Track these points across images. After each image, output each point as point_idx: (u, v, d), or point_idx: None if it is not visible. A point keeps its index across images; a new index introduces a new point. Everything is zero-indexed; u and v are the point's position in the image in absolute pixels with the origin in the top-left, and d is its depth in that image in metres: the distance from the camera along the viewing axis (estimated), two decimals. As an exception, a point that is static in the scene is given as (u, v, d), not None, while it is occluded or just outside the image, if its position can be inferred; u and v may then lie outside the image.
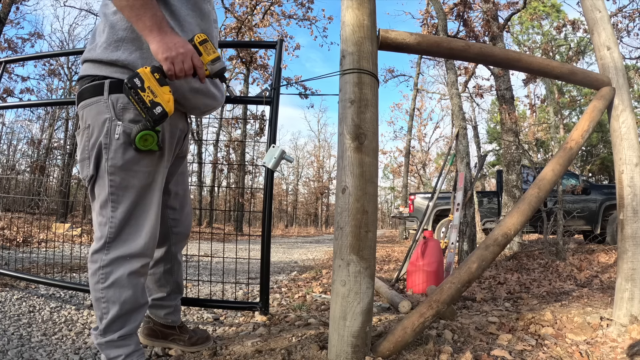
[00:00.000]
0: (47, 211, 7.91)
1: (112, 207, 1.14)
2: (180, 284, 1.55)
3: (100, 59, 1.13)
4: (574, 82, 1.77)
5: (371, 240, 1.25)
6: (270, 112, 1.92)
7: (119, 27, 1.13)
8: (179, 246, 1.51)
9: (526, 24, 13.79)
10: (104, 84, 1.12)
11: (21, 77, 11.37)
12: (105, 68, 1.14)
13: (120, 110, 1.11)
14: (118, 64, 1.12)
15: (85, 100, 1.15)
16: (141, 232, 1.18)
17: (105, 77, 1.13)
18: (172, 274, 1.50)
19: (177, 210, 1.46)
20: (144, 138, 1.08)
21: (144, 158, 1.14)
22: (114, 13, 1.14)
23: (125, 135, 1.11)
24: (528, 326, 1.72)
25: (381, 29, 1.39)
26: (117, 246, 1.15)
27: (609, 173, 16.02)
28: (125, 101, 1.11)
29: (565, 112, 16.97)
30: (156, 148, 1.12)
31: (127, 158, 1.12)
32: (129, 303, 1.17)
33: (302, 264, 5.10)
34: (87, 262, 1.20)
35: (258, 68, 13.08)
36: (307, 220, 35.46)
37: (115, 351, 1.17)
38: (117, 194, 1.14)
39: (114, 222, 1.14)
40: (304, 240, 13.37)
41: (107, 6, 1.17)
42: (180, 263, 1.54)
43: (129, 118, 1.12)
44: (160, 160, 1.20)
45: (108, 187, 1.13)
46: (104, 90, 1.12)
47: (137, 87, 1.02)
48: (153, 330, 1.54)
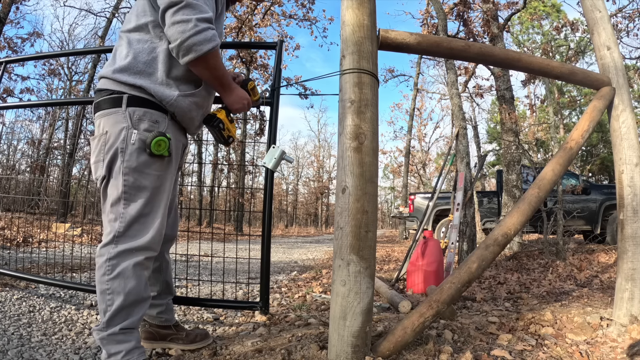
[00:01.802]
0: (47, 211, 7.91)
1: (124, 205, 1.24)
2: (170, 284, 1.58)
3: (120, 81, 1.26)
4: (574, 82, 1.77)
5: (371, 240, 1.25)
6: (270, 112, 1.92)
7: (140, 59, 1.27)
8: (167, 246, 1.56)
9: (526, 24, 13.79)
10: (122, 97, 1.25)
11: (21, 76, 11.37)
12: (124, 86, 1.27)
13: (136, 121, 1.25)
14: (136, 85, 1.27)
15: (104, 110, 1.28)
16: (149, 229, 1.27)
17: (122, 92, 1.26)
18: (160, 272, 1.54)
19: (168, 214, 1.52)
20: (158, 143, 1.24)
21: (155, 162, 1.27)
22: (138, 42, 1.28)
23: (141, 142, 1.24)
24: (528, 326, 1.72)
25: (381, 29, 1.39)
26: (125, 240, 1.23)
27: (609, 173, 16.02)
28: (141, 113, 1.26)
29: (565, 112, 16.97)
30: (167, 153, 1.26)
31: (140, 161, 1.24)
32: (133, 294, 1.22)
33: (302, 264, 5.10)
34: (90, 261, 1.23)
35: (258, 68, 13.07)
36: (307, 220, 35.45)
37: (116, 347, 1.19)
38: (129, 193, 1.24)
39: (125, 218, 1.23)
40: (304, 240, 13.37)
41: (131, 32, 1.30)
42: (169, 262, 1.59)
43: (144, 128, 1.25)
44: (169, 166, 1.32)
45: (122, 187, 1.23)
46: (122, 103, 1.25)
47: (221, 129, 1.45)
48: (150, 332, 1.55)
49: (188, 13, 1.19)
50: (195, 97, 1.35)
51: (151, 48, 1.27)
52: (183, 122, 1.37)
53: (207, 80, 1.35)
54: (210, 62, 1.26)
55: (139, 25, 1.29)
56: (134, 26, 1.29)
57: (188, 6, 1.19)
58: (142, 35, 1.28)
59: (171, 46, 1.22)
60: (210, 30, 1.22)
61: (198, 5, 1.21)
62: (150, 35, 1.28)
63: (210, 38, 1.21)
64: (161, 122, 1.29)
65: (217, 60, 1.29)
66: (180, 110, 1.31)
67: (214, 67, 1.29)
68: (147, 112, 1.26)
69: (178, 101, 1.30)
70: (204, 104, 1.42)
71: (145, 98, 1.26)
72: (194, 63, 1.24)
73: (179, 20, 1.18)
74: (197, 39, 1.19)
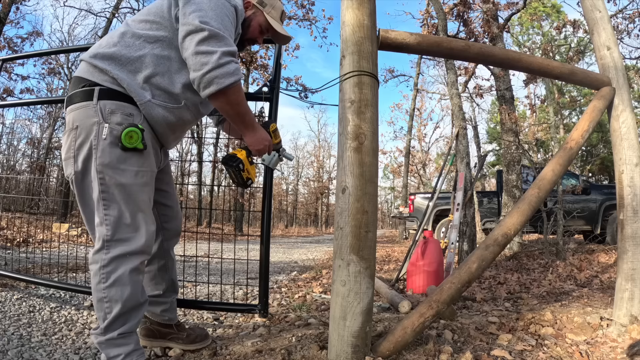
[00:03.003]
0: (47, 211, 7.90)
1: (104, 206, 1.18)
2: (174, 282, 1.57)
3: (97, 66, 1.20)
4: (574, 82, 1.77)
5: (371, 240, 1.25)
6: (269, 108, 1.90)
7: (126, 54, 1.22)
8: (171, 242, 1.54)
9: (526, 24, 13.79)
10: (93, 90, 1.19)
11: (21, 76, 11.34)
12: (98, 74, 1.21)
13: (108, 115, 1.18)
14: (111, 74, 1.20)
15: (75, 104, 1.21)
16: (139, 230, 1.22)
17: (95, 83, 1.20)
18: (166, 271, 1.52)
19: (168, 206, 1.51)
20: (129, 135, 1.16)
21: (130, 157, 1.20)
22: (133, 36, 1.23)
23: (112, 136, 1.17)
24: (528, 326, 1.72)
25: (381, 29, 1.39)
26: (117, 245, 1.19)
27: (609, 173, 16.02)
28: (114, 106, 1.19)
29: (565, 112, 16.96)
30: (141, 146, 1.18)
31: (114, 156, 1.17)
32: (131, 301, 1.20)
33: (302, 264, 5.10)
34: (88, 263, 1.22)
35: (258, 68, 13.06)
36: (307, 220, 35.44)
37: (115, 350, 1.18)
38: (107, 192, 1.18)
39: (109, 220, 1.19)
40: (304, 240, 13.37)
41: (135, 22, 1.27)
42: (174, 260, 1.57)
43: (116, 121, 1.19)
44: (147, 160, 1.25)
45: (98, 186, 1.18)
46: (93, 96, 1.19)
47: (240, 170, 1.37)
48: (150, 330, 1.54)
49: (213, 45, 1.16)
50: (167, 111, 1.27)
51: (143, 51, 1.23)
52: (155, 130, 1.29)
53: (229, 118, 1.31)
54: (232, 97, 1.22)
55: (147, 20, 1.26)
56: (143, 19, 1.27)
57: (214, 37, 1.17)
58: (146, 31, 1.25)
59: (192, 76, 1.18)
60: (233, 63, 1.18)
61: (224, 38, 1.18)
62: (150, 38, 1.24)
63: (233, 72, 1.18)
64: (136, 116, 1.22)
65: (239, 95, 1.25)
66: (149, 117, 1.25)
67: (236, 103, 1.25)
68: (120, 105, 1.19)
69: (148, 106, 1.23)
70: (177, 126, 1.33)
71: (118, 91, 1.20)
72: (214, 96, 1.20)
73: (204, 51, 1.14)
74: (219, 72, 1.15)
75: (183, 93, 1.29)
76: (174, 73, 1.27)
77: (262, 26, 1.48)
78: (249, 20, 1.45)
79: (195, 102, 1.34)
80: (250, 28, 1.46)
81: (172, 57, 1.26)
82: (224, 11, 1.24)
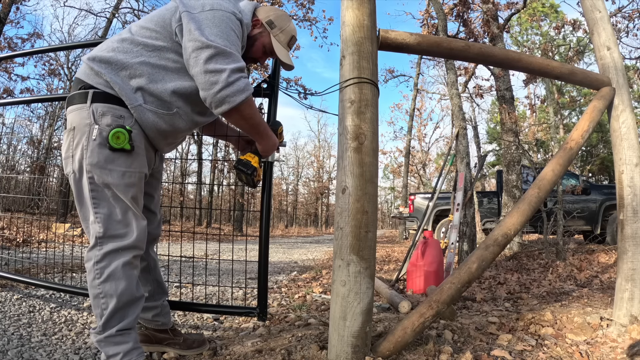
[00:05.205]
0: (47, 211, 7.90)
1: (93, 204, 1.21)
2: (161, 283, 1.55)
3: (93, 69, 1.23)
4: (574, 82, 1.77)
5: (371, 241, 1.25)
6: (269, 104, 1.89)
7: (123, 60, 1.23)
8: (150, 245, 1.53)
9: (525, 24, 13.79)
10: (88, 93, 1.22)
11: (21, 76, 11.34)
12: (93, 77, 1.24)
13: (99, 117, 1.21)
14: (104, 77, 1.22)
15: (73, 105, 1.25)
16: (130, 226, 1.24)
17: (90, 86, 1.23)
18: (149, 272, 1.52)
19: (151, 212, 1.50)
20: (116, 135, 1.18)
21: (118, 158, 1.21)
22: (132, 42, 1.25)
23: (101, 137, 1.20)
24: (528, 326, 1.72)
25: (381, 29, 1.39)
26: (109, 240, 1.22)
27: (609, 173, 16.02)
28: (105, 109, 1.21)
29: (565, 112, 16.96)
30: (128, 147, 1.20)
31: (102, 157, 1.20)
32: (126, 295, 1.21)
33: (302, 264, 5.10)
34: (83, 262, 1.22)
35: (258, 68, 13.07)
36: (307, 221, 35.44)
37: (113, 348, 1.19)
38: (96, 191, 1.21)
39: (100, 218, 1.21)
40: (304, 240, 13.37)
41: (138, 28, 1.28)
42: (156, 260, 1.57)
43: (106, 122, 1.21)
44: (135, 162, 1.25)
45: (88, 184, 1.21)
46: (87, 99, 1.22)
47: (253, 175, 1.42)
48: (146, 335, 1.54)
49: (222, 62, 1.15)
50: (158, 117, 1.27)
51: (139, 58, 1.23)
52: (146, 134, 1.29)
53: (245, 131, 1.33)
54: (245, 112, 1.23)
55: (147, 28, 1.26)
56: (144, 26, 1.27)
57: (221, 54, 1.16)
58: (145, 38, 1.25)
59: (202, 95, 1.18)
60: (243, 79, 1.18)
61: (232, 54, 1.17)
62: (149, 47, 1.24)
63: (244, 88, 1.18)
64: (127, 118, 1.23)
65: (252, 109, 1.25)
66: (140, 121, 1.25)
67: (249, 117, 1.26)
68: (111, 108, 1.21)
69: (139, 110, 1.23)
70: (169, 133, 1.33)
71: (111, 94, 1.22)
72: (227, 114, 1.20)
73: (212, 69, 1.14)
74: (230, 91, 1.15)
75: (175, 101, 1.28)
76: (168, 82, 1.26)
77: (266, 48, 1.45)
78: (253, 39, 1.42)
79: (187, 111, 1.32)
80: (254, 47, 1.43)
81: (168, 67, 1.26)
82: (230, 25, 1.23)
